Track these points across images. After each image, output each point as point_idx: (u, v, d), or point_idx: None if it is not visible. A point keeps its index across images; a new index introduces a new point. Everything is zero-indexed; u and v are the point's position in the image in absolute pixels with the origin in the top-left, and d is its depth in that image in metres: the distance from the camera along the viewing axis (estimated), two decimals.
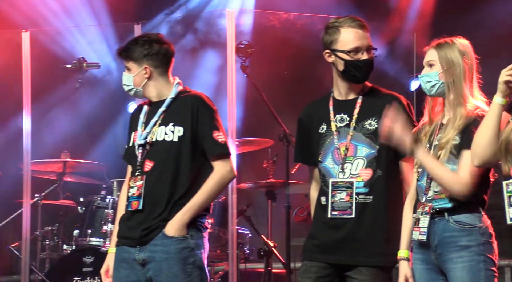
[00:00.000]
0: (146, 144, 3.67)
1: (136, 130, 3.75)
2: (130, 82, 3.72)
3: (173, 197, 3.60)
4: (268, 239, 6.03)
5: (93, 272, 5.88)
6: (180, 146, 3.63)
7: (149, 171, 3.64)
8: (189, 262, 3.58)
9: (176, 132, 3.65)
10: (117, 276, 3.66)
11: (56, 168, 6.51)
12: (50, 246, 6.34)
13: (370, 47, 3.53)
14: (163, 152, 3.64)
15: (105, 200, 6.11)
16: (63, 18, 7.13)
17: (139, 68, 3.70)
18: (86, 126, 7.45)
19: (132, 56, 3.70)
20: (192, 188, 3.62)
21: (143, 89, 3.74)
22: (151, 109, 3.76)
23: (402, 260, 3.39)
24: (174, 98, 3.72)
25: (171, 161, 3.62)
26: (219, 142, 3.66)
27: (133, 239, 3.62)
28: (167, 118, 3.69)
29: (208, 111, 3.68)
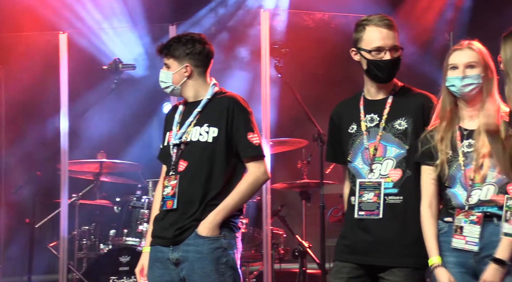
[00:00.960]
0: (181, 144, 3.69)
1: (171, 130, 3.77)
2: (169, 79, 3.73)
3: (206, 197, 3.62)
4: (302, 239, 6.03)
5: (129, 271, 5.93)
6: (214, 146, 3.65)
7: (183, 171, 3.66)
8: (222, 262, 3.59)
9: (210, 133, 3.66)
10: (151, 276, 3.69)
11: (92, 168, 6.58)
12: (87, 246, 6.40)
13: (395, 47, 3.50)
14: (197, 152, 3.66)
15: (140, 200, 6.16)
16: (100, 19, 7.20)
17: (179, 66, 3.72)
18: (121, 127, 7.50)
19: (174, 53, 3.71)
20: (225, 188, 3.63)
21: (181, 88, 3.75)
22: (186, 109, 3.78)
23: (438, 266, 3.34)
24: (210, 99, 3.73)
25: (205, 161, 3.63)
26: (253, 144, 3.67)
27: (167, 238, 3.64)
28: (202, 119, 3.70)
29: (243, 113, 3.69)
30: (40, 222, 6.37)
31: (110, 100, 7.15)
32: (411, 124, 3.48)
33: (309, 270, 6.07)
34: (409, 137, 3.47)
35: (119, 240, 6.13)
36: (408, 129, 3.47)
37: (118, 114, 7.43)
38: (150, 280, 3.69)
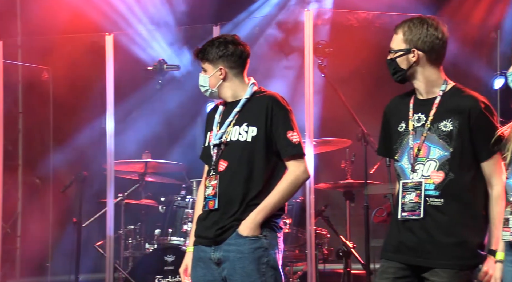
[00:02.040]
0: (221, 144, 3.70)
1: (212, 130, 3.78)
2: (206, 83, 3.75)
3: (247, 197, 3.61)
4: (346, 239, 5.99)
5: (174, 270, 5.97)
6: (253, 146, 3.64)
7: (223, 170, 3.66)
8: (263, 262, 3.59)
9: (249, 133, 3.66)
10: (194, 275, 3.70)
11: (138, 168, 6.62)
12: (133, 245, 6.46)
13: (389, 49, 3.53)
14: (236, 152, 3.66)
15: (185, 200, 6.20)
16: (145, 20, 7.27)
17: (214, 69, 3.73)
18: (166, 127, 7.56)
19: (208, 57, 3.73)
20: (265, 188, 3.63)
21: (218, 90, 3.77)
22: (226, 109, 3.79)
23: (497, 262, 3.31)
24: (249, 99, 3.73)
25: (245, 161, 3.63)
26: (293, 142, 3.65)
27: (208, 238, 3.65)
28: (241, 119, 3.70)
29: (282, 111, 3.68)
30: (87, 221, 6.43)
31: (155, 101, 7.21)
32: (456, 127, 3.43)
33: (353, 270, 6.03)
34: (454, 139, 3.42)
35: (164, 239, 6.18)
36: (453, 132, 3.42)
37: (163, 114, 7.49)
38: (193, 279, 3.71)
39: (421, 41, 3.47)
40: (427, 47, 3.47)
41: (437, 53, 3.49)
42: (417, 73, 3.50)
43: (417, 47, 3.47)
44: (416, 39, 3.46)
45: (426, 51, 3.47)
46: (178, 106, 7.37)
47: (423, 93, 3.55)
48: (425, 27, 3.47)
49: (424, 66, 3.49)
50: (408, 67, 3.49)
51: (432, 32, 3.47)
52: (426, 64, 3.49)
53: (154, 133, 7.54)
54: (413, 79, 3.52)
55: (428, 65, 3.49)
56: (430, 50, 3.48)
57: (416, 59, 3.47)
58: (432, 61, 3.49)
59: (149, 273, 6.04)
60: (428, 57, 3.48)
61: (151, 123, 7.55)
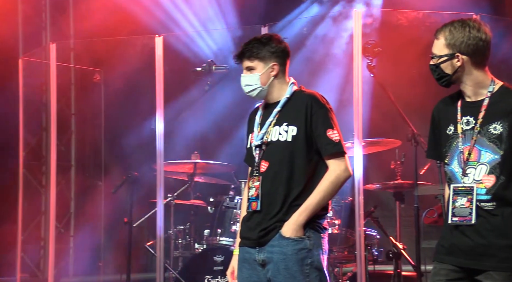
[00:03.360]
0: (262, 144, 3.70)
1: (252, 132, 3.78)
2: (256, 81, 3.71)
3: (289, 197, 3.60)
4: (396, 240, 5.95)
5: (223, 271, 6.00)
6: (294, 145, 3.63)
7: (265, 171, 3.66)
8: (307, 263, 3.58)
9: (289, 132, 3.65)
10: (240, 276, 3.71)
11: (187, 169, 6.67)
12: (182, 245, 6.51)
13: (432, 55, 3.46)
14: (277, 152, 3.65)
15: (233, 200, 6.23)
16: (194, 22, 7.32)
17: (265, 67, 3.71)
18: (215, 128, 7.60)
19: (258, 55, 3.70)
20: (307, 187, 3.61)
21: (268, 89, 3.74)
22: (266, 110, 3.78)
23: None
24: (289, 98, 3.72)
25: (286, 161, 3.62)
26: (333, 141, 3.63)
27: (252, 239, 3.65)
28: (281, 118, 3.69)
29: (322, 109, 3.66)
30: (138, 221, 6.50)
31: (204, 102, 7.25)
32: (506, 129, 3.37)
33: (403, 272, 5.98)
34: (504, 142, 3.36)
35: (213, 239, 6.21)
36: (503, 134, 3.37)
37: (211, 115, 7.53)
38: (239, 280, 3.71)
39: (465, 45, 3.40)
40: (471, 51, 3.40)
41: (482, 55, 3.42)
42: (463, 77, 3.44)
43: (461, 51, 3.40)
44: (459, 43, 3.40)
45: (471, 55, 3.41)
46: (226, 107, 7.40)
47: (471, 96, 3.49)
48: (467, 30, 3.40)
49: (470, 70, 3.43)
50: (453, 72, 3.43)
51: (475, 35, 3.40)
52: (472, 67, 3.43)
53: (203, 134, 7.59)
54: (459, 82, 3.47)
55: (473, 68, 3.43)
56: (474, 53, 3.41)
57: (461, 63, 3.41)
58: (477, 63, 3.43)
59: (198, 273, 6.08)
60: (473, 60, 3.42)
61: (200, 124, 7.60)
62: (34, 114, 8.18)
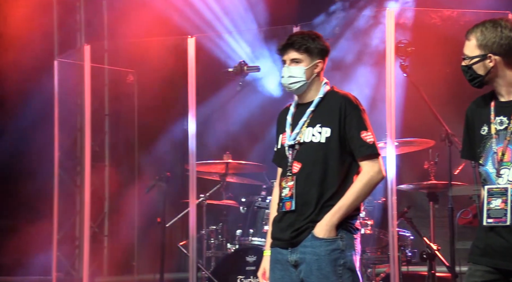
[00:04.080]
0: (295, 145, 3.69)
1: (284, 132, 3.77)
2: (301, 74, 3.69)
3: (322, 198, 3.60)
4: (430, 241, 5.90)
5: (255, 271, 5.95)
6: (327, 147, 3.62)
7: (298, 172, 3.66)
8: (339, 264, 3.56)
9: (323, 134, 3.64)
10: (272, 277, 3.70)
11: (219, 169, 6.69)
12: (215, 245, 6.53)
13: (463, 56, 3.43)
14: (310, 153, 3.64)
15: (265, 201, 6.23)
16: (226, 22, 7.34)
17: (312, 62, 3.69)
18: (247, 128, 7.61)
19: (308, 48, 3.68)
20: (340, 189, 3.60)
21: (308, 85, 3.72)
22: (298, 110, 3.77)
23: None
24: (322, 98, 3.71)
25: (319, 162, 3.61)
26: (367, 142, 3.62)
27: (284, 240, 3.65)
28: (314, 119, 3.68)
29: (356, 111, 3.65)
30: (170, 221, 6.54)
31: (236, 102, 7.26)
32: None
33: (438, 273, 5.93)
34: None
35: (245, 240, 6.22)
36: None
37: (244, 115, 7.54)
38: (271, 281, 3.70)
39: (497, 45, 3.35)
40: (504, 51, 3.36)
41: None
42: (496, 77, 3.40)
43: (493, 51, 3.36)
44: (491, 44, 3.35)
45: (503, 55, 3.36)
46: (258, 107, 7.40)
47: (504, 95, 3.45)
48: (499, 30, 3.36)
49: (503, 70, 3.39)
50: (485, 73, 3.39)
51: (507, 34, 3.36)
52: (505, 67, 3.39)
53: (235, 134, 7.60)
54: (492, 83, 3.43)
55: (506, 68, 3.39)
56: (507, 52, 3.37)
57: (494, 64, 3.37)
58: (510, 63, 3.38)
59: (231, 273, 6.10)
60: (505, 60, 3.37)
61: (232, 124, 7.62)
62: (69, 115, 8.26)
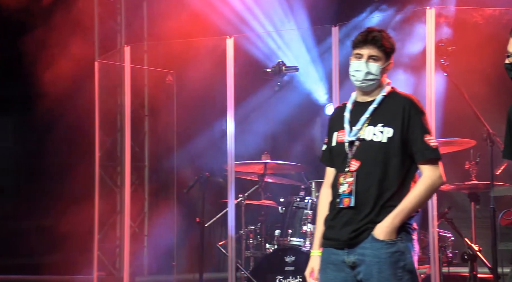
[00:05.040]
0: (355, 142, 3.62)
1: (340, 130, 3.69)
2: (378, 72, 3.62)
3: (381, 199, 3.53)
4: (472, 242, 5.83)
5: (294, 271, 5.99)
6: (388, 147, 3.55)
7: (356, 170, 3.59)
8: (400, 266, 3.51)
9: (385, 134, 3.57)
10: (324, 278, 3.64)
11: (257, 169, 6.67)
12: (253, 245, 6.52)
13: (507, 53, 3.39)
14: (371, 152, 3.58)
15: (304, 201, 6.21)
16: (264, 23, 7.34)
17: (387, 61, 3.64)
18: (285, 128, 7.61)
19: (386, 46, 3.63)
20: (399, 190, 3.54)
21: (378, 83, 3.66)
22: (357, 108, 3.69)
23: None
24: (384, 98, 3.64)
25: (379, 162, 3.55)
26: (431, 146, 3.57)
27: (341, 241, 3.58)
28: (376, 118, 3.61)
29: (419, 114, 3.59)
30: (210, 221, 6.55)
31: (274, 102, 7.26)
32: None
33: (479, 274, 5.86)
34: None
35: (284, 240, 6.20)
36: None
37: (282, 115, 7.53)
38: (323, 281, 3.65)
39: None
40: None
41: None
42: None
43: None
44: None
45: None
46: (296, 107, 7.39)
47: None
48: None
49: None
50: None
51: None
52: None
53: (273, 134, 7.60)
54: None
55: None
56: None
57: None
58: None
59: (270, 273, 6.10)
60: None
61: (270, 125, 7.62)
62: (110, 115, 8.34)
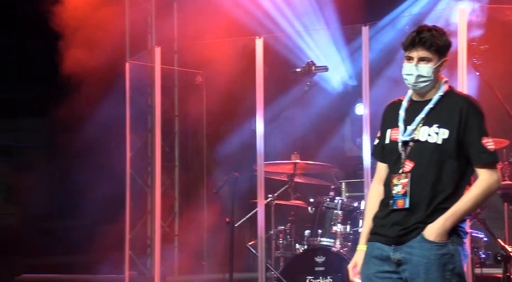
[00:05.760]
0: (409, 142, 3.56)
1: (393, 127, 3.63)
2: (430, 73, 3.52)
3: (434, 201, 3.48)
4: (505, 243, 5.76)
5: (324, 271, 5.97)
6: (443, 149, 3.49)
7: (410, 171, 3.53)
8: (448, 269, 3.46)
9: (440, 135, 3.50)
10: (366, 271, 3.60)
11: (287, 169, 6.64)
12: (283, 245, 6.50)
13: None
14: (425, 153, 3.51)
15: (334, 201, 6.18)
16: (294, 23, 7.33)
17: (439, 60, 3.54)
18: (314, 128, 7.58)
19: (438, 47, 3.52)
20: (454, 193, 3.47)
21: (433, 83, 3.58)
22: (413, 106, 3.62)
23: None
24: (441, 98, 3.55)
25: (434, 164, 3.49)
26: (489, 149, 3.48)
27: (389, 237, 3.54)
28: (431, 119, 3.54)
29: (478, 115, 3.50)
30: (239, 221, 6.55)
31: (303, 102, 7.24)
32: None
33: None
34: None
35: (314, 240, 6.18)
36: None
37: (311, 116, 7.51)
38: (364, 275, 3.61)
39: None
40: None
41: None
42: None
43: None
44: None
45: None
46: (325, 107, 7.37)
47: None
48: None
49: None
50: None
51: None
52: None
53: (303, 134, 7.58)
54: None
55: None
56: None
57: None
58: None
59: (300, 273, 6.08)
60: None
61: (300, 125, 7.60)
62: (140, 116, 8.39)
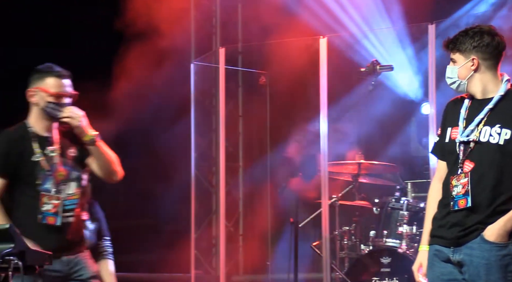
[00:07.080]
0: (470, 142, 3.53)
1: (454, 126, 3.60)
2: (454, 74, 3.58)
3: (495, 202, 3.44)
4: None
5: (390, 273, 5.91)
6: (505, 149, 3.45)
7: (470, 171, 3.50)
8: (510, 270, 3.42)
9: (502, 135, 3.46)
10: (431, 274, 3.59)
11: (351, 170, 6.62)
12: (348, 246, 6.47)
13: None
14: (486, 154, 3.48)
15: (399, 201, 6.11)
16: (358, 22, 7.26)
17: (465, 60, 3.55)
18: (379, 128, 7.49)
19: (460, 47, 3.56)
20: None
21: (468, 83, 3.58)
22: (473, 105, 3.59)
23: None
24: (502, 97, 3.52)
25: (495, 165, 3.45)
26: None
27: (448, 239, 3.52)
28: (493, 119, 3.51)
29: None
30: (304, 222, 6.55)
31: (368, 102, 7.18)
32: None
33: None
34: None
35: (379, 241, 6.13)
36: None
37: (376, 115, 7.43)
38: (430, 278, 3.60)
39: None
40: None
41: None
42: None
43: None
44: None
45: None
46: (391, 107, 7.27)
47: None
48: None
49: None
50: None
51: None
52: None
53: (367, 134, 7.50)
54: None
55: None
56: None
57: None
58: None
59: (365, 274, 6.04)
60: None
61: (364, 124, 7.52)
62: (205, 116, 8.45)
